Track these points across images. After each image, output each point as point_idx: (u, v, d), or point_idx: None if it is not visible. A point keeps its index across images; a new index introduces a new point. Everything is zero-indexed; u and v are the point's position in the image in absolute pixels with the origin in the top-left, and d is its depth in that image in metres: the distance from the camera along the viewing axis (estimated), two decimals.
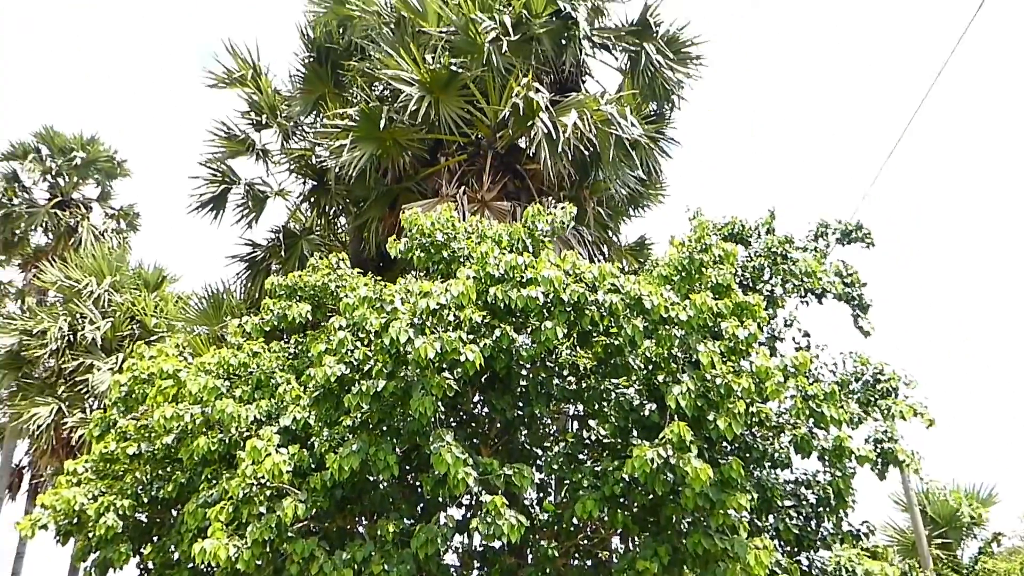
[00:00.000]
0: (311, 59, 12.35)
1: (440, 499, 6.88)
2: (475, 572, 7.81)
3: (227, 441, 7.27)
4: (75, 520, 7.96)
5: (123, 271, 18.06)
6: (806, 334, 9.61)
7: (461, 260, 7.52)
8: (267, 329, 8.40)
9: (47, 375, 17.59)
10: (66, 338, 17.05)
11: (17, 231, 23.19)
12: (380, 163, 10.92)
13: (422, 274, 8.36)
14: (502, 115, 10.16)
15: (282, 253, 12.65)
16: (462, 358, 6.33)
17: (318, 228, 13.43)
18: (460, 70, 10.17)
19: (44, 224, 23.46)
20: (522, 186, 11.27)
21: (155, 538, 8.21)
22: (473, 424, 7.71)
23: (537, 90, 9.95)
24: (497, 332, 6.66)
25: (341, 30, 12.00)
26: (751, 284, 9.52)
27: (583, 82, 11.94)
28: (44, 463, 18.57)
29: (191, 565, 7.55)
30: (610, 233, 12.59)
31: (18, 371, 17.98)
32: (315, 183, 12.81)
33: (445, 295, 6.56)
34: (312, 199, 13.13)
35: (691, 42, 11.79)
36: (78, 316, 17.22)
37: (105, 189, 24.81)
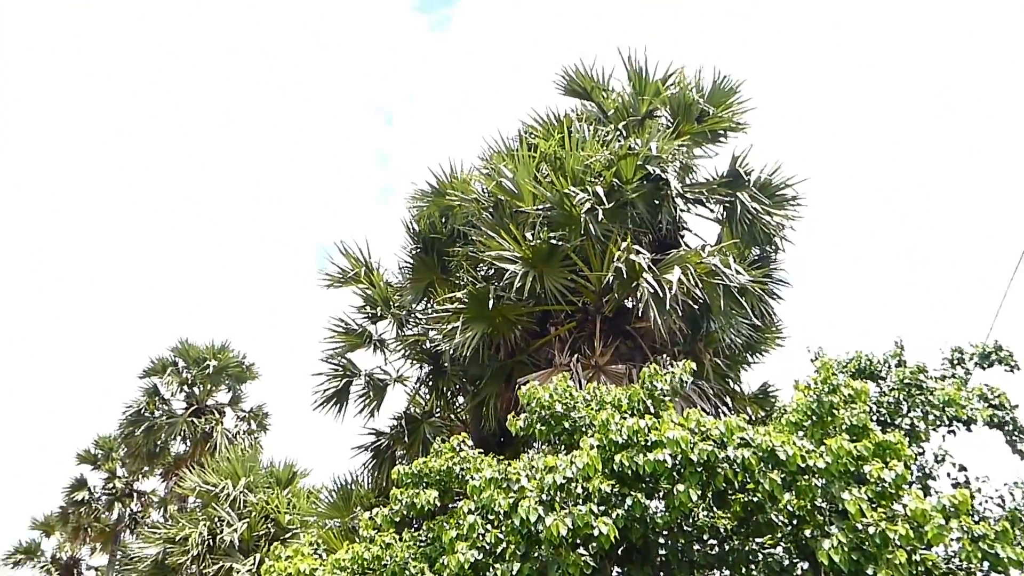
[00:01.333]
0: (417, 250, 13.04)
1: None
2: None
3: None
4: None
5: (256, 471, 18.64)
6: (962, 468, 8.90)
7: (583, 429, 7.45)
8: (397, 519, 8.40)
9: None
10: (206, 543, 17.46)
11: (159, 442, 24.48)
12: (492, 340, 11.18)
13: (544, 447, 8.30)
14: (606, 280, 10.33)
15: (405, 439, 12.85)
16: (595, 532, 6.16)
17: (438, 410, 13.64)
18: (560, 243, 10.50)
19: (183, 432, 24.72)
20: (634, 346, 11.25)
21: None
22: None
23: (637, 252, 10.13)
24: (628, 501, 6.47)
25: (443, 220, 12.70)
26: (889, 420, 8.99)
27: (681, 237, 12.09)
28: None
29: None
30: (731, 383, 12.27)
31: None
32: (431, 367, 13.15)
33: (571, 468, 6.48)
34: (430, 382, 13.43)
35: (784, 184, 11.87)
36: (216, 519, 17.69)
37: (236, 393, 26.15)
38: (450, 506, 8.44)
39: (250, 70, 55.29)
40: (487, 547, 6.67)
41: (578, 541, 6.45)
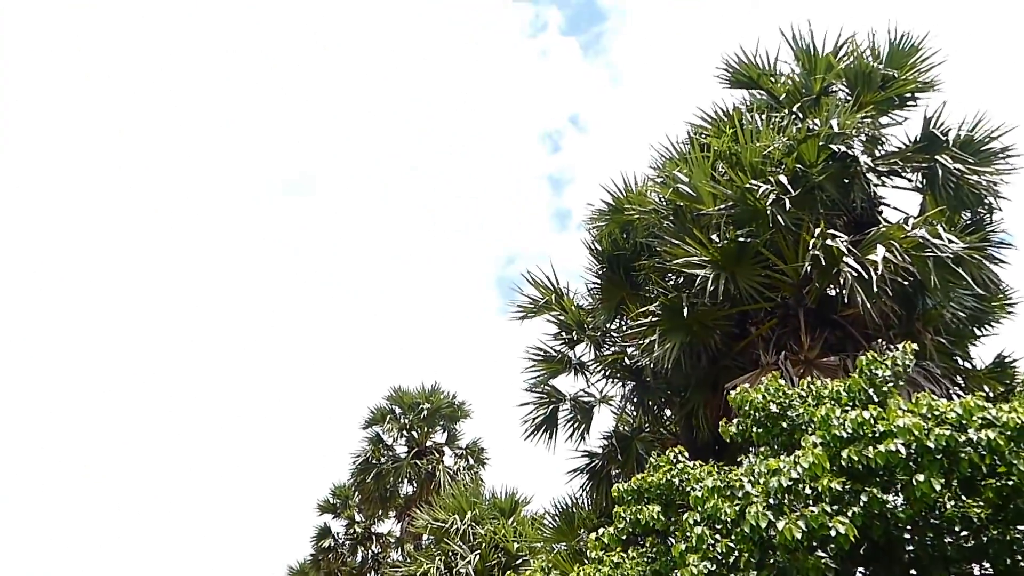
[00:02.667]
0: (603, 269, 13.08)
1: None
2: None
3: None
4: None
5: (480, 504, 19.27)
6: None
7: (802, 428, 7.14)
8: (623, 537, 8.40)
9: None
10: None
11: (388, 486, 25.93)
12: (692, 348, 10.96)
13: (763, 450, 8.02)
14: (803, 271, 9.89)
15: (618, 457, 12.83)
16: (832, 533, 5.86)
17: (647, 425, 13.53)
18: (748, 240, 10.19)
19: (408, 475, 26.05)
20: (844, 336, 10.66)
21: None
22: None
23: (833, 236, 9.64)
24: (864, 497, 6.11)
25: (624, 235, 12.67)
26: None
27: (879, 213, 11.36)
28: None
29: None
30: (959, 361, 11.29)
31: None
32: (634, 383, 13.09)
33: (795, 469, 6.23)
34: (635, 399, 13.38)
35: (989, 137, 10.87)
36: (450, 553, 18.45)
37: (451, 432, 27.28)
38: (673, 519, 8.34)
39: (427, 111, 57.87)
40: (719, 557, 6.53)
41: (814, 544, 6.16)
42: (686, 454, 8.68)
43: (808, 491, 6.31)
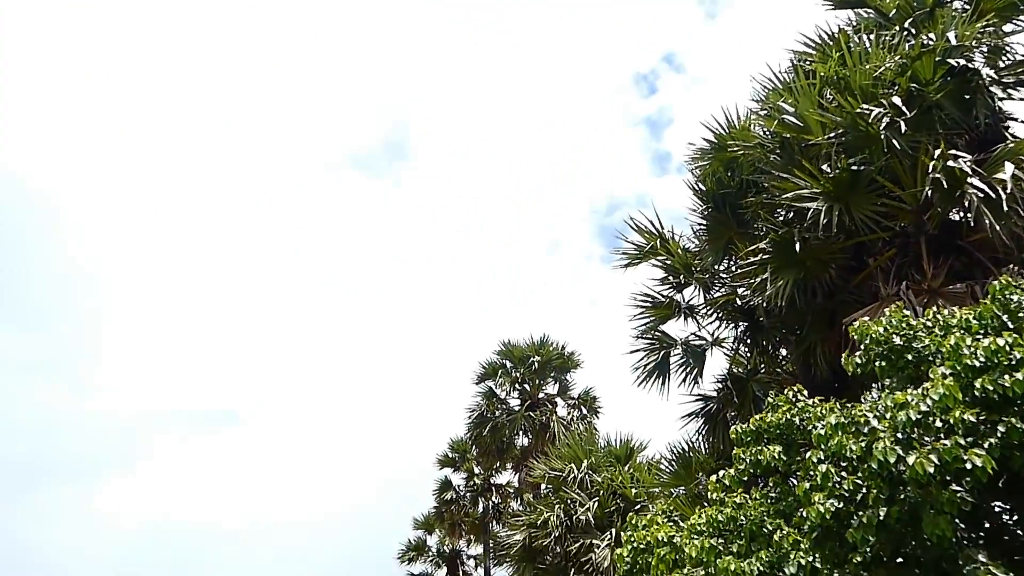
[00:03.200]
0: (708, 209, 12.78)
1: None
2: None
3: None
4: None
5: (596, 452, 19.43)
6: None
7: (929, 359, 6.83)
8: (744, 479, 8.31)
9: (557, 560, 19.14)
10: (564, 523, 18.55)
11: (504, 438, 26.46)
12: (806, 285, 10.63)
13: (887, 384, 7.73)
14: (923, 195, 9.39)
15: (734, 399, 12.67)
16: (968, 466, 5.61)
17: (761, 366, 13.26)
18: (861, 167, 9.73)
19: (522, 427, 26.49)
20: (970, 262, 10.09)
21: None
22: (1006, 538, 6.64)
23: (955, 156, 9.08)
24: (1001, 428, 5.82)
25: (729, 173, 12.31)
26: None
27: (1005, 129, 10.62)
28: None
29: None
30: None
31: (533, 561, 19.89)
32: (746, 324, 12.84)
33: (925, 401, 5.97)
34: (748, 340, 13.12)
35: None
36: (569, 501, 18.72)
37: (562, 383, 27.51)
38: (796, 459, 8.18)
39: (520, 55, 57.41)
40: (845, 495, 6.36)
41: (948, 477, 5.92)
42: (805, 393, 8.47)
43: (939, 424, 6.05)
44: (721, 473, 8.37)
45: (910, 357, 6.96)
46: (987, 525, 6.74)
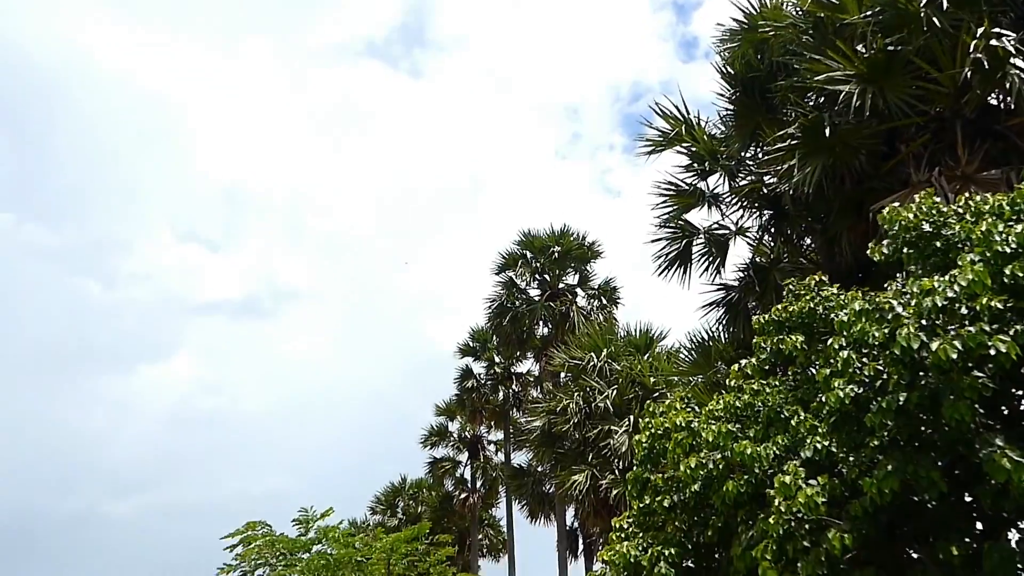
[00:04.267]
0: (736, 94, 12.36)
1: (1005, 513, 6.02)
2: None
3: (753, 481, 7.28)
4: (633, 572, 8.60)
5: (615, 342, 19.63)
6: None
7: (958, 246, 6.68)
8: (765, 368, 8.34)
9: (575, 446, 19.64)
10: (583, 410, 18.95)
11: (524, 328, 26.71)
12: (834, 171, 10.36)
13: (913, 270, 7.61)
14: (962, 77, 9.00)
15: (756, 288, 12.58)
16: (992, 352, 5.56)
17: (785, 255, 13.11)
18: (898, 48, 9.31)
19: (542, 317, 26.70)
20: (1007, 147, 9.77)
21: None
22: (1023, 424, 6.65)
23: (998, 35, 8.64)
24: None
25: (759, 56, 11.85)
26: None
27: None
28: (590, 524, 20.62)
29: None
30: None
31: (552, 446, 20.43)
32: (771, 212, 12.63)
33: (952, 288, 5.87)
34: (772, 228, 12.94)
35: None
36: (588, 389, 19.06)
37: (583, 273, 27.51)
38: (819, 348, 8.17)
39: None
40: (865, 380, 6.36)
41: (970, 364, 5.88)
42: (828, 281, 8.38)
43: (964, 311, 5.97)
44: (743, 362, 8.41)
45: (939, 244, 6.80)
46: (1006, 411, 6.75)
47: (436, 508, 32.61)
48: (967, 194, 7.28)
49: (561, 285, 27.49)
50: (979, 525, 6.66)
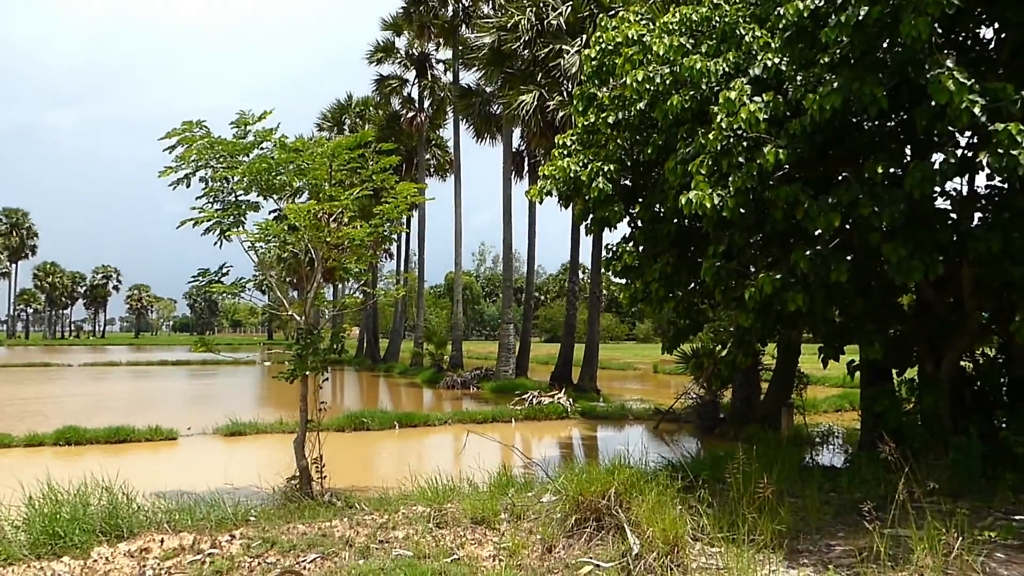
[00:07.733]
0: None
1: (936, 136, 6.20)
2: (976, 215, 7.12)
3: (699, 98, 7.29)
4: (572, 187, 8.92)
5: None
6: None
7: None
8: None
9: (524, 65, 19.29)
10: (535, 27, 18.30)
11: None
12: None
13: None
14: None
15: None
16: None
17: None
18: None
19: None
20: None
21: (640, 198, 8.90)
22: (977, 48, 6.60)
23: None
24: None
25: None
26: None
27: None
28: (535, 145, 21.05)
29: (675, 220, 8.10)
30: None
31: (501, 65, 20.03)
32: None
33: None
34: None
35: None
36: (541, 4, 18.22)
37: None
38: None
39: None
40: None
41: None
42: None
43: None
44: None
45: None
46: (963, 35, 6.65)
47: (383, 126, 32.60)
48: None
49: None
50: (908, 150, 6.92)
